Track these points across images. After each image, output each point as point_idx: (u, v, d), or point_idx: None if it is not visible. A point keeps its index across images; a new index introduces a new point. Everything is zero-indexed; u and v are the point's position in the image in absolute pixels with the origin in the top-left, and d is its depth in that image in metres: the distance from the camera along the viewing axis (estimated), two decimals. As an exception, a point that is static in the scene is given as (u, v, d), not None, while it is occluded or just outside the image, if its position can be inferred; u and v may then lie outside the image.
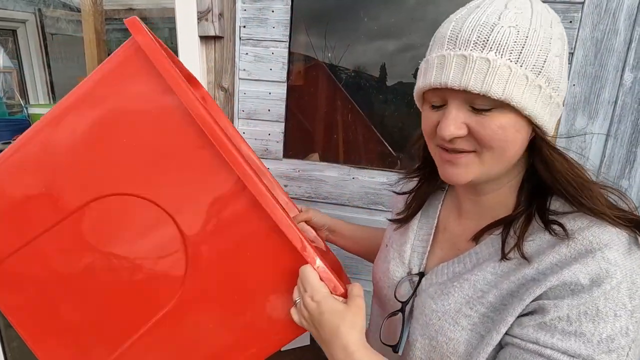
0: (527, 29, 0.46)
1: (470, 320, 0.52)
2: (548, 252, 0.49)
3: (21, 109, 2.93)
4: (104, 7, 1.61)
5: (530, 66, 0.46)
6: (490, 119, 0.48)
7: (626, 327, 0.44)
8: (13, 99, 2.95)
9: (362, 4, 1.17)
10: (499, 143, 0.49)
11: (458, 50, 0.48)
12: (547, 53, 0.47)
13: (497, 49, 0.46)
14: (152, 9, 2.31)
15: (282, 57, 1.21)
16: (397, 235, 0.70)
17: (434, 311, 0.56)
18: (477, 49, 0.46)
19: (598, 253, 0.45)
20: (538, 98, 0.47)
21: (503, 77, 0.46)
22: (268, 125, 1.27)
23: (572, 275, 0.45)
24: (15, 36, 2.72)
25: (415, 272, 0.64)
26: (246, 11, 1.20)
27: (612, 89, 1.03)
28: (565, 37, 0.50)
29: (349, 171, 1.24)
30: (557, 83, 0.48)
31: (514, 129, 0.49)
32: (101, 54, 1.54)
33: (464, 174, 0.53)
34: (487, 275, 0.53)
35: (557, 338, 0.45)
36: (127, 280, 0.66)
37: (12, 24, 2.68)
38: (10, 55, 2.79)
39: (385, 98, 1.24)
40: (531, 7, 0.48)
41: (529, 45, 0.46)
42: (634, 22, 0.99)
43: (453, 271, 0.58)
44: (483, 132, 0.49)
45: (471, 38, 0.47)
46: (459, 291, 0.54)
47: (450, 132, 0.50)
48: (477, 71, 0.46)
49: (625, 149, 1.06)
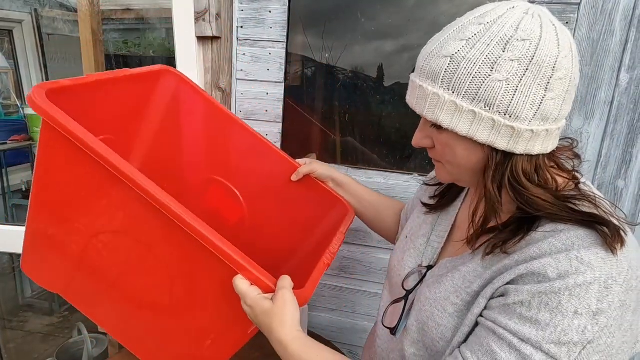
0: (462, 58, 0.49)
1: (456, 308, 0.56)
2: (530, 247, 0.51)
3: (17, 110, 2.92)
4: (101, 8, 1.60)
5: (461, 92, 0.49)
6: (441, 136, 0.55)
7: (584, 326, 0.44)
8: (9, 99, 2.94)
9: (360, 4, 1.17)
10: (448, 158, 0.57)
11: (413, 75, 0.56)
12: (485, 79, 0.48)
13: (432, 77, 0.51)
14: (150, 9, 2.30)
15: (279, 57, 1.21)
16: (417, 228, 0.74)
17: (427, 298, 0.61)
18: (421, 76, 0.54)
19: (574, 252, 0.46)
20: (474, 122, 0.50)
21: (433, 103, 0.51)
22: (265, 125, 1.26)
23: (541, 267, 0.47)
24: (12, 36, 2.71)
25: (426, 265, 0.68)
26: (243, 11, 1.20)
27: (608, 90, 1.04)
28: (547, 57, 0.47)
29: (347, 171, 1.24)
30: (506, 107, 0.48)
31: (462, 148, 0.54)
32: (98, 54, 1.54)
33: (441, 176, 0.62)
34: (477, 267, 0.57)
35: (514, 321, 0.48)
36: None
37: (8, 24, 2.67)
38: (6, 56, 2.78)
39: (382, 99, 1.24)
40: (488, 30, 0.48)
41: (460, 74, 0.49)
42: (629, 23, 0.99)
43: (453, 265, 0.62)
44: (436, 147, 0.57)
45: (419, 65, 0.54)
46: (450, 281, 0.59)
47: (416, 142, 0.60)
48: (419, 96, 0.54)
49: (621, 149, 1.06)
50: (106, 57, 1.58)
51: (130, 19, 2.38)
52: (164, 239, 0.68)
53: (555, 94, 0.48)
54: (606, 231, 0.47)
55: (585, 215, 0.49)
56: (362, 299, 1.33)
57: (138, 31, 2.64)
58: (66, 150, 0.65)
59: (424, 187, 0.83)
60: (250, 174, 1.03)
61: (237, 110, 1.27)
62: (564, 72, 0.48)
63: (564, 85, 0.48)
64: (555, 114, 0.49)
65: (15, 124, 2.72)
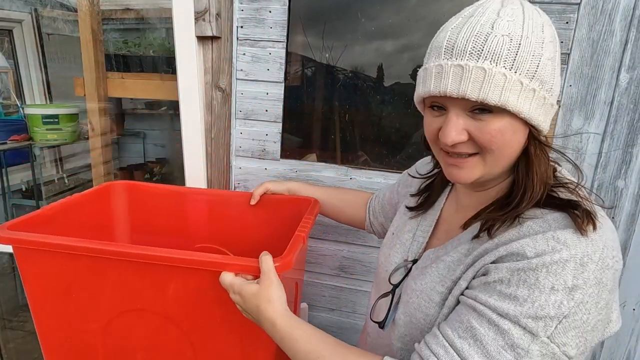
0: (520, 36, 0.48)
1: (441, 297, 0.57)
2: (510, 230, 0.53)
3: (17, 109, 2.92)
4: (101, 7, 1.60)
5: (524, 72, 0.49)
6: (488, 124, 0.51)
7: (560, 301, 0.46)
8: (9, 99, 2.94)
9: (360, 4, 1.17)
10: (498, 145, 0.52)
11: (455, 60, 0.50)
12: (540, 57, 0.49)
13: (492, 57, 0.48)
14: (149, 9, 2.30)
15: (279, 57, 1.21)
16: (403, 225, 0.75)
17: (413, 290, 0.62)
18: (473, 58, 0.49)
19: (550, 232, 0.49)
20: (533, 101, 0.50)
21: (499, 84, 0.48)
22: (265, 125, 1.26)
23: (519, 247, 0.49)
24: (12, 36, 2.70)
25: (411, 260, 0.69)
26: (243, 11, 1.20)
27: (608, 90, 1.04)
28: (557, 38, 0.53)
29: (347, 171, 1.24)
30: (550, 84, 0.51)
31: (511, 131, 0.51)
32: (98, 54, 1.53)
33: (469, 175, 0.56)
34: (460, 255, 0.58)
35: (494, 298, 0.49)
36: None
37: (8, 23, 2.67)
38: (6, 55, 2.78)
39: (382, 98, 1.24)
40: (523, 14, 0.50)
41: (522, 52, 0.48)
42: (629, 23, 0.99)
43: (436, 255, 0.63)
44: (482, 137, 0.52)
45: (467, 48, 0.49)
46: (435, 271, 0.60)
47: (452, 138, 0.53)
48: (474, 80, 0.49)
49: (621, 149, 1.06)
50: (106, 57, 1.58)
51: (130, 19, 2.38)
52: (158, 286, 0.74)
53: (559, 68, 0.53)
54: (577, 214, 0.49)
55: (561, 201, 0.52)
56: (362, 299, 1.33)
57: (138, 31, 2.64)
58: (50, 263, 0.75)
59: (407, 181, 0.85)
60: (228, 227, 1.16)
61: (237, 110, 1.27)
62: (560, 47, 0.54)
63: (559, 59, 0.53)
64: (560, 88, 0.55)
65: (15, 124, 2.71)
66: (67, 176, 2.94)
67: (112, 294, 0.76)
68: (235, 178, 1.33)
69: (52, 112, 2.45)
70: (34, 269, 0.77)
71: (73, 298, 0.77)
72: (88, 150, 1.71)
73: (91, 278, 0.75)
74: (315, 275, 1.34)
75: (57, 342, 0.82)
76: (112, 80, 1.59)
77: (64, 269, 0.75)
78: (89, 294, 0.76)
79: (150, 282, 0.73)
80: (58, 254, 0.72)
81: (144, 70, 2.69)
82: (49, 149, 2.81)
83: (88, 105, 1.58)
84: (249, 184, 1.32)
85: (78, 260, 0.73)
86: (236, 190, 1.29)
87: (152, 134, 3.02)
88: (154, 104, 2.97)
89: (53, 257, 0.73)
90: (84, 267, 0.73)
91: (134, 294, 0.75)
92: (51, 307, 0.79)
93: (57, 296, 0.78)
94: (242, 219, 1.12)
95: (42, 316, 0.81)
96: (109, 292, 0.76)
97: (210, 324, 0.75)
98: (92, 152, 1.69)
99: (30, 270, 0.77)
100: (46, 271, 0.76)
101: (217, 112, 1.29)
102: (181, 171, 1.32)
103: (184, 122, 1.26)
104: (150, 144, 3.04)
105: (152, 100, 2.92)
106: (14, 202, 2.79)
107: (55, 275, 0.76)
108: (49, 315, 0.80)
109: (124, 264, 0.71)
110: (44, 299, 0.79)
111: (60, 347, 0.82)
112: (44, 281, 0.77)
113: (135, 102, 2.97)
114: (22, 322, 2.56)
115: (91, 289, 0.76)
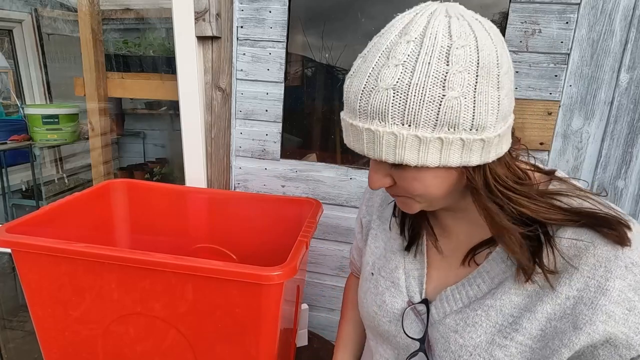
0: (408, 85, 0.41)
1: (506, 351, 0.49)
2: (565, 279, 0.47)
3: (17, 109, 2.92)
4: (101, 7, 1.60)
5: (419, 124, 0.42)
6: (404, 172, 0.48)
7: None
8: (9, 99, 2.94)
9: (360, 4, 1.17)
10: (420, 192, 0.49)
11: (349, 118, 0.47)
12: (440, 100, 0.41)
13: (379, 116, 0.43)
14: (149, 9, 2.30)
15: (279, 57, 1.21)
16: (383, 261, 0.65)
17: (462, 346, 0.52)
18: (362, 118, 0.45)
19: (626, 291, 0.44)
20: (444, 149, 0.43)
21: (390, 144, 0.44)
22: (265, 125, 1.26)
23: (617, 335, 0.44)
24: (12, 36, 2.70)
25: (418, 301, 0.59)
26: (243, 11, 1.20)
27: (608, 90, 1.04)
28: (488, 57, 0.43)
29: (347, 171, 1.24)
30: (470, 122, 0.42)
31: (431, 177, 0.47)
32: (97, 54, 1.54)
33: (410, 209, 0.54)
34: (513, 297, 0.50)
35: None
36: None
37: (8, 23, 2.67)
38: (6, 55, 2.78)
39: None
40: (420, 46, 0.42)
41: (411, 104, 0.42)
42: (629, 23, 0.99)
43: (467, 295, 0.54)
44: (402, 184, 0.50)
45: (355, 107, 0.45)
46: (486, 320, 0.51)
47: (375, 185, 0.51)
48: (367, 141, 0.45)
49: (621, 150, 1.06)
50: (106, 57, 1.58)
51: (130, 19, 2.38)
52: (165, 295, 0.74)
53: (506, 89, 0.45)
54: (616, 234, 0.45)
55: (588, 216, 0.47)
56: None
57: (138, 31, 2.64)
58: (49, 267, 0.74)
59: (367, 195, 0.75)
60: (228, 227, 1.16)
61: (237, 110, 1.27)
62: (507, 65, 0.45)
63: (509, 78, 0.46)
64: (510, 109, 0.47)
65: (15, 123, 2.71)
66: (67, 176, 2.94)
67: (111, 298, 0.76)
68: (235, 178, 1.33)
69: (52, 112, 2.45)
70: (33, 272, 0.76)
71: (72, 301, 0.77)
72: (88, 150, 1.72)
73: (91, 282, 0.74)
74: (315, 275, 1.34)
75: (57, 345, 0.82)
76: (112, 80, 1.59)
77: (63, 272, 0.75)
78: (88, 298, 0.76)
79: (150, 286, 0.73)
80: (57, 257, 0.72)
81: (144, 70, 2.69)
82: (49, 149, 2.81)
83: (88, 105, 1.58)
84: (249, 184, 1.32)
85: (77, 263, 0.72)
86: (236, 190, 1.30)
87: (152, 134, 3.02)
88: (154, 104, 2.97)
89: (52, 260, 0.73)
90: (83, 271, 0.73)
91: (134, 298, 0.75)
92: (51, 309, 0.79)
93: (57, 299, 0.78)
94: (243, 219, 1.12)
95: (41, 319, 0.80)
96: (108, 295, 0.75)
97: (211, 328, 0.75)
98: (92, 152, 1.69)
99: (29, 273, 0.77)
100: (45, 274, 0.76)
101: (217, 112, 1.29)
102: (181, 171, 1.32)
103: (184, 122, 1.26)
104: (150, 144, 3.04)
105: (152, 100, 2.92)
106: (14, 202, 2.79)
107: (54, 278, 0.76)
108: (48, 318, 0.80)
109: (123, 268, 0.71)
110: (43, 301, 0.79)
111: (60, 351, 0.82)
112: (43, 284, 0.77)
113: (135, 102, 2.97)
114: (22, 322, 2.56)
115: (91, 292, 0.76)
